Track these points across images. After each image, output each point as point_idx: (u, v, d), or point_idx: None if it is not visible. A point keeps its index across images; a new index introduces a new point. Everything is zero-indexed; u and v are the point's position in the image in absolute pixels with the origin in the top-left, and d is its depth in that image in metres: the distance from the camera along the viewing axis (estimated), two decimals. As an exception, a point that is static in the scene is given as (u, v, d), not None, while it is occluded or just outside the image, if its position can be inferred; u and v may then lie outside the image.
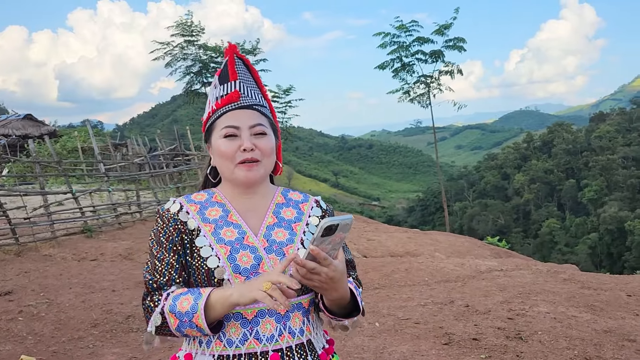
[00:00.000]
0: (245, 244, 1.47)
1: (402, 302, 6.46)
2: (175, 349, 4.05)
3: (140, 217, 13.11)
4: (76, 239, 10.50)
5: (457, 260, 9.21)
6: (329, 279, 1.35)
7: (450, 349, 4.78)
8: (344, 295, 1.45)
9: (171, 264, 1.47)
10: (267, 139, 1.54)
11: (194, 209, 1.53)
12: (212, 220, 1.51)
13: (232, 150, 1.50)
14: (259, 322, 1.43)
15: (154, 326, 1.43)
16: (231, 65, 1.59)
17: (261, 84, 1.64)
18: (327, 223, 1.29)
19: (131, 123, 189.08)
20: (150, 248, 1.54)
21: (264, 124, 1.55)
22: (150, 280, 1.47)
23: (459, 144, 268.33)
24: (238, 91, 1.55)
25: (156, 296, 1.45)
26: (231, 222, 1.52)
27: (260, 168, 1.52)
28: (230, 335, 1.43)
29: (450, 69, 24.46)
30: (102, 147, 18.62)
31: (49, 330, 5.54)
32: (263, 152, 1.52)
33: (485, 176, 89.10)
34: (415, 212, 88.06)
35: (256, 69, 1.69)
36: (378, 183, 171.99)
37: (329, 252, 1.35)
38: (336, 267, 1.35)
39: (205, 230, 1.49)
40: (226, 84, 1.57)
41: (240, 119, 1.52)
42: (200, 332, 1.40)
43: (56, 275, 7.78)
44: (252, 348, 1.42)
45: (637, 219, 56.51)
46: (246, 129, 1.51)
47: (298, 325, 1.48)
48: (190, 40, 28.70)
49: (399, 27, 24.08)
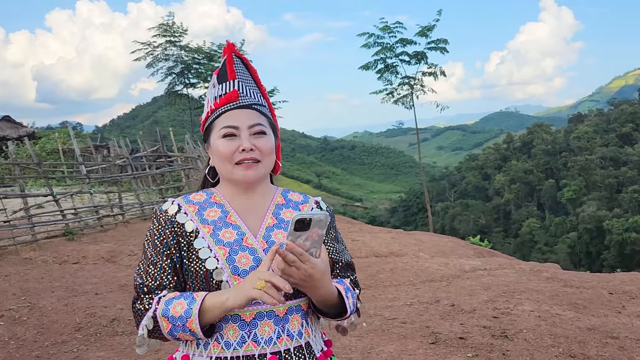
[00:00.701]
0: (244, 246, 1.46)
1: (388, 302, 6.49)
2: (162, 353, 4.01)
3: (122, 220, 12.96)
4: (57, 241, 10.33)
5: (442, 260, 9.27)
6: (307, 275, 1.35)
7: (437, 348, 4.81)
8: (327, 295, 1.44)
9: (163, 268, 1.45)
10: (267, 139, 1.52)
11: (192, 209, 1.51)
12: (211, 221, 1.49)
13: (231, 150, 1.48)
14: (257, 325, 1.42)
15: (145, 330, 1.41)
16: (229, 64, 1.57)
17: (260, 82, 1.61)
18: (298, 216, 1.29)
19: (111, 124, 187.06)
20: (144, 249, 1.51)
21: (263, 123, 1.53)
22: (141, 284, 1.45)
23: (441, 145, 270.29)
24: (237, 90, 1.53)
25: (146, 300, 1.43)
26: (230, 223, 1.50)
27: (259, 168, 1.50)
28: (228, 337, 1.42)
29: (433, 71, 24.65)
30: (82, 149, 18.39)
31: (31, 335, 5.45)
32: (262, 151, 1.50)
33: (467, 177, 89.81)
34: (398, 213, 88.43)
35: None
36: (360, 184, 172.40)
37: (308, 249, 1.34)
38: (315, 264, 1.35)
39: (204, 232, 1.47)
40: (225, 83, 1.55)
41: (239, 119, 1.50)
42: (193, 336, 1.39)
43: (37, 278, 7.65)
44: (250, 350, 1.41)
45: (615, 218, 57.45)
46: (245, 129, 1.49)
47: (297, 327, 1.46)
48: (172, 41, 28.55)
49: (383, 28, 24.21)
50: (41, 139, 25.49)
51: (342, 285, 1.53)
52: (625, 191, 63.73)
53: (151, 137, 27.14)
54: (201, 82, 29.60)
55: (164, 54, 28.79)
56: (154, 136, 25.63)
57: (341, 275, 1.58)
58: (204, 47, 29.21)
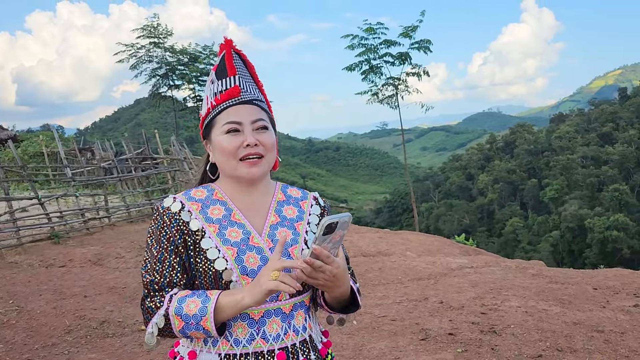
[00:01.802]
0: (251, 245, 1.47)
1: (378, 300, 6.55)
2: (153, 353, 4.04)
3: (108, 222, 12.87)
4: (43, 245, 10.25)
5: (429, 259, 9.36)
6: (332, 276, 1.38)
7: (427, 344, 4.87)
8: (346, 291, 1.49)
9: (173, 265, 1.45)
10: (269, 134, 1.53)
11: (195, 207, 1.50)
12: (216, 220, 1.49)
13: (235, 146, 1.48)
14: (266, 322, 1.45)
15: (156, 328, 1.41)
16: (229, 60, 1.56)
17: (257, 78, 1.62)
18: (328, 221, 1.31)
19: (93, 127, 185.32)
20: (149, 247, 1.49)
21: (265, 118, 1.54)
22: (151, 281, 1.44)
23: (424, 146, 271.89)
24: (238, 86, 1.53)
25: (157, 297, 1.43)
26: (235, 222, 1.50)
27: (263, 163, 1.51)
28: (237, 335, 1.44)
29: (417, 71, 24.82)
30: (66, 152, 18.21)
31: (20, 338, 5.42)
32: (266, 146, 1.50)
33: (450, 177, 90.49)
34: (383, 214, 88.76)
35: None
36: (345, 185, 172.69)
37: (330, 250, 1.37)
38: (338, 264, 1.38)
39: (210, 232, 1.47)
40: (225, 79, 1.54)
41: (242, 115, 1.50)
42: (205, 334, 1.40)
43: (24, 282, 7.59)
44: (259, 347, 1.44)
45: (597, 216, 58.31)
46: (248, 124, 1.49)
47: (301, 322, 1.50)
48: (156, 43, 28.38)
49: (367, 29, 24.32)
50: (23, 142, 25.20)
51: (351, 281, 1.56)
52: (606, 190, 64.73)
53: (135, 140, 26.96)
54: (185, 84, 29.46)
55: (148, 55, 28.62)
56: (138, 138, 25.47)
57: None
58: (188, 49, 29.10)
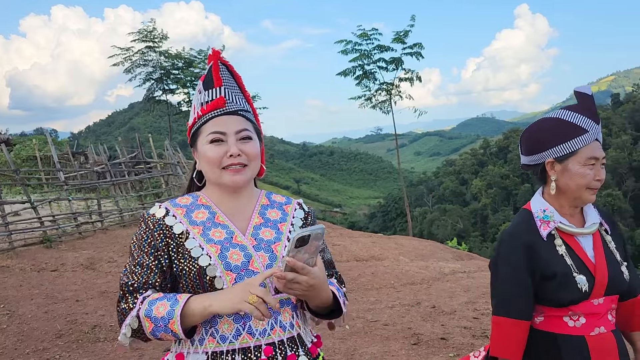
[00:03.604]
0: (234, 243, 1.51)
1: (370, 304, 6.56)
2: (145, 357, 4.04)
3: (101, 227, 12.82)
4: (35, 249, 10.19)
5: (422, 264, 9.39)
6: (309, 286, 1.41)
7: (419, 348, 4.89)
8: (327, 299, 1.52)
9: (150, 267, 1.49)
10: (253, 144, 1.57)
11: (180, 212, 1.55)
12: (200, 222, 1.54)
13: (219, 155, 1.52)
14: (251, 317, 1.46)
15: (129, 329, 1.44)
16: (215, 71, 1.61)
17: (244, 89, 1.66)
18: (299, 235, 1.34)
19: (87, 131, 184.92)
20: (130, 252, 1.55)
21: (249, 129, 1.58)
22: (126, 283, 1.49)
23: (418, 151, 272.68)
24: (223, 97, 1.58)
25: (131, 299, 1.47)
26: (219, 223, 1.55)
27: (246, 172, 1.55)
28: (224, 331, 1.46)
29: (410, 76, 24.92)
30: (60, 156, 18.16)
31: (11, 342, 5.39)
32: (249, 156, 1.55)
33: (444, 182, 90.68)
34: (377, 218, 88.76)
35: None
36: (339, 190, 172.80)
37: (306, 260, 1.40)
38: (315, 274, 1.41)
39: (194, 233, 1.51)
40: (211, 89, 1.59)
41: (227, 125, 1.55)
42: (174, 337, 1.43)
43: (16, 286, 7.55)
44: (246, 343, 1.45)
45: (589, 221, 58.49)
46: (232, 135, 1.54)
47: (288, 319, 1.51)
48: (151, 47, 28.38)
49: (361, 35, 24.42)
50: (16, 146, 25.09)
51: (334, 286, 1.59)
52: (599, 195, 65.02)
53: (128, 144, 26.91)
54: (180, 88, 29.47)
55: (143, 59, 28.62)
56: (131, 142, 25.42)
57: (326, 274, 1.63)
58: (183, 53, 29.13)
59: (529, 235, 1.79)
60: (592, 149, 1.77)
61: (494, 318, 1.82)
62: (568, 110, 1.83)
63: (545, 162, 1.83)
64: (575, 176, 1.77)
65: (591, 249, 1.80)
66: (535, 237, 1.79)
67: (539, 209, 1.83)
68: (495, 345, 1.79)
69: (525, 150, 1.90)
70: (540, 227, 1.80)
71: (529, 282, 1.76)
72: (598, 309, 1.77)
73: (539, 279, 1.76)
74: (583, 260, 1.77)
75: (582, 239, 1.81)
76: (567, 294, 1.73)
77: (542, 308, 1.80)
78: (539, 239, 1.78)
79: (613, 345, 1.77)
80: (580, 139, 1.77)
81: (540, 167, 1.85)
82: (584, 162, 1.77)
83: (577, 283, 1.72)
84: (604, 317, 1.79)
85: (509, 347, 1.76)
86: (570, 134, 1.78)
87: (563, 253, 1.77)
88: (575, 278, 1.73)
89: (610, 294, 1.78)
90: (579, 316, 1.76)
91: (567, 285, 1.73)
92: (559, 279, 1.73)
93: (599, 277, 1.75)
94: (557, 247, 1.78)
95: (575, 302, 1.74)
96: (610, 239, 1.86)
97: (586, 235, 1.81)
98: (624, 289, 1.81)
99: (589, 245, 1.81)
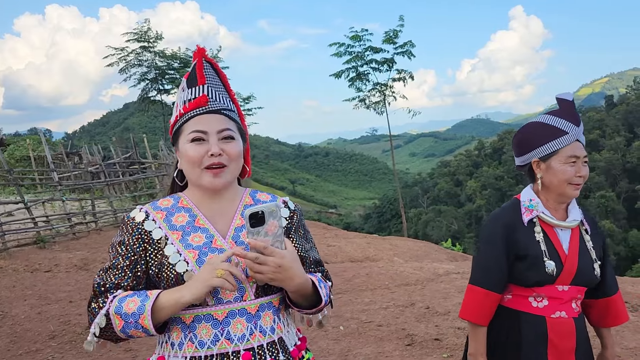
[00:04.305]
0: (213, 247, 1.48)
1: (365, 305, 6.56)
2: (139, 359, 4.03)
3: (95, 227, 12.79)
4: (28, 250, 10.16)
5: (416, 264, 9.40)
6: (278, 267, 1.39)
7: (413, 349, 4.89)
8: (302, 283, 1.47)
9: (124, 270, 1.48)
10: (235, 144, 1.53)
11: (160, 216, 1.53)
12: (180, 227, 1.51)
13: (199, 154, 1.49)
14: (230, 323, 1.45)
15: (98, 328, 1.42)
16: (199, 69, 1.58)
17: (229, 87, 1.63)
18: (249, 212, 1.36)
19: (81, 131, 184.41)
20: (108, 253, 1.54)
21: (232, 128, 1.55)
22: (98, 284, 1.47)
23: (413, 152, 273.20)
24: (206, 95, 1.54)
25: (102, 299, 1.45)
26: (198, 227, 1.52)
27: (226, 174, 1.52)
28: (202, 336, 1.44)
29: (402, 76, 24.98)
30: (54, 156, 18.08)
31: (4, 344, 5.36)
32: (230, 156, 1.51)
33: (439, 183, 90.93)
34: (372, 219, 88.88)
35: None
36: (334, 190, 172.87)
37: (272, 243, 1.39)
38: (283, 254, 1.39)
39: (172, 238, 1.49)
40: (194, 87, 1.56)
41: (208, 124, 1.51)
42: (145, 333, 1.42)
43: (9, 287, 7.52)
44: (224, 348, 1.43)
45: (583, 222, 58.64)
46: (214, 134, 1.51)
47: (269, 323, 1.49)
48: (146, 47, 28.34)
49: (353, 37, 24.47)
50: (10, 146, 24.99)
51: (315, 276, 1.57)
52: (593, 197, 65.27)
53: (123, 144, 26.83)
54: (175, 88, 29.45)
55: (138, 59, 28.58)
56: (126, 143, 25.34)
57: (312, 271, 1.62)
58: (179, 53, 29.09)
59: (511, 218, 2.00)
60: (572, 148, 1.97)
61: (469, 286, 2.03)
62: (550, 115, 2.03)
63: (531, 161, 2.03)
64: (558, 173, 1.96)
65: (567, 242, 1.98)
66: (517, 221, 1.99)
67: (527, 198, 2.03)
68: (465, 309, 2.02)
69: (516, 152, 2.11)
70: (524, 213, 1.99)
71: (504, 259, 1.96)
72: (562, 295, 1.95)
73: (513, 258, 1.96)
74: (556, 249, 1.95)
75: (561, 232, 2.00)
76: (534, 275, 1.92)
77: (512, 287, 2.00)
78: (520, 224, 1.98)
79: (572, 330, 1.95)
80: (561, 140, 1.97)
81: (528, 166, 2.06)
82: (565, 160, 1.96)
83: (546, 267, 1.91)
84: (567, 303, 1.97)
85: (477, 312, 1.99)
86: (552, 135, 1.98)
87: (540, 239, 1.95)
88: (545, 262, 1.91)
89: (577, 284, 1.96)
90: (543, 298, 1.95)
91: (536, 267, 1.92)
92: (530, 260, 1.93)
93: (567, 266, 1.93)
94: (536, 233, 1.97)
95: (540, 284, 1.94)
96: (588, 238, 2.04)
97: (565, 229, 2.00)
98: (593, 282, 2.00)
99: (565, 238, 1.99)
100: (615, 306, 2.08)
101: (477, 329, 2.00)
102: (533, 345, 1.93)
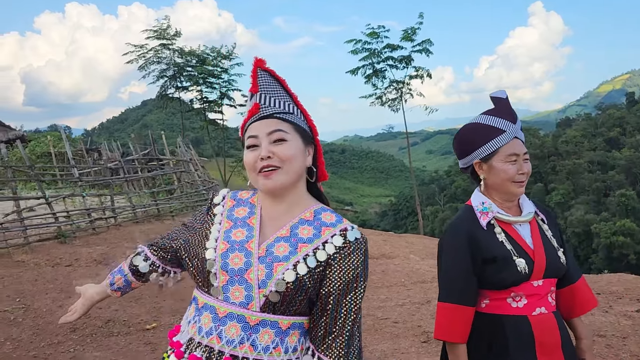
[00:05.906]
0: (244, 247, 1.51)
1: (380, 302, 6.59)
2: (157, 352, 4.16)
3: (114, 222, 12.95)
4: (49, 244, 10.33)
5: (432, 262, 9.39)
6: None
7: (429, 346, 4.91)
8: None
9: (176, 232, 1.75)
10: (287, 145, 1.52)
11: (229, 204, 1.66)
12: (235, 218, 1.60)
13: (253, 160, 1.52)
14: (227, 323, 1.47)
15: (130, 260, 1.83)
16: (254, 78, 1.62)
17: (290, 91, 1.64)
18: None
19: (100, 128, 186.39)
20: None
21: (284, 129, 1.54)
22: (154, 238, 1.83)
23: (430, 149, 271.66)
24: (257, 103, 1.58)
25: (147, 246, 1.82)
26: (247, 224, 1.57)
27: (279, 175, 1.50)
28: (202, 324, 1.51)
29: (420, 73, 24.88)
30: (74, 152, 18.34)
31: (27, 336, 5.48)
32: (281, 158, 1.50)
33: (456, 181, 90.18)
34: (388, 217, 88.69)
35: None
36: (350, 188, 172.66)
37: None
38: None
39: (222, 226, 1.59)
40: (251, 97, 1.62)
41: (259, 129, 1.54)
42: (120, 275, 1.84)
43: (31, 280, 7.67)
44: (213, 344, 1.47)
45: (603, 222, 57.98)
46: (264, 137, 1.52)
47: (266, 342, 1.46)
48: (165, 44, 28.55)
49: (370, 34, 24.41)
50: (31, 142, 25.36)
51: None
52: (613, 195, 64.37)
53: (141, 141, 27.09)
54: (193, 86, 29.63)
55: (157, 56, 28.81)
56: (144, 139, 25.58)
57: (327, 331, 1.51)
58: (197, 51, 29.28)
59: (470, 225, 1.94)
60: (511, 146, 1.94)
61: (438, 304, 1.95)
62: (486, 115, 2.00)
63: (473, 163, 2.01)
64: (500, 172, 1.93)
65: (529, 236, 1.95)
66: (475, 227, 1.93)
67: (478, 202, 1.98)
68: (439, 329, 1.92)
69: (457, 155, 2.09)
70: (480, 217, 1.94)
71: (470, 268, 1.89)
72: (538, 290, 1.91)
73: (480, 263, 1.89)
74: (522, 246, 1.91)
75: (520, 227, 1.97)
76: (508, 275, 1.86)
77: (487, 292, 1.93)
78: (479, 229, 1.92)
79: (554, 325, 1.91)
80: (499, 139, 1.94)
81: (471, 168, 2.03)
82: (505, 159, 1.93)
83: (517, 265, 1.86)
84: (544, 298, 1.93)
85: (451, 330, 1.89)
86: (489, 135, 1.95)
87: (503, 240, 1.91)
88: (515, 261, 1.87)
89: (549, 276, 1.93)
90: (521, 297, 1.90)
91: (508, 267, 1.87)
92: (500, 262, 1.87)
93: (537, 260, 1.89)
94: (497, 234, 1.92)
95: (517, 283, 1.88)
96: (547, 227, 2.02)
97: (523, 223, 1.97)
98: (561, 272, 1.97)
99: (526, 232, 1.96)
100: (580, 292, 2.03)
101: (455, 347, 1.89)
102: (520, 346, 1.87)
